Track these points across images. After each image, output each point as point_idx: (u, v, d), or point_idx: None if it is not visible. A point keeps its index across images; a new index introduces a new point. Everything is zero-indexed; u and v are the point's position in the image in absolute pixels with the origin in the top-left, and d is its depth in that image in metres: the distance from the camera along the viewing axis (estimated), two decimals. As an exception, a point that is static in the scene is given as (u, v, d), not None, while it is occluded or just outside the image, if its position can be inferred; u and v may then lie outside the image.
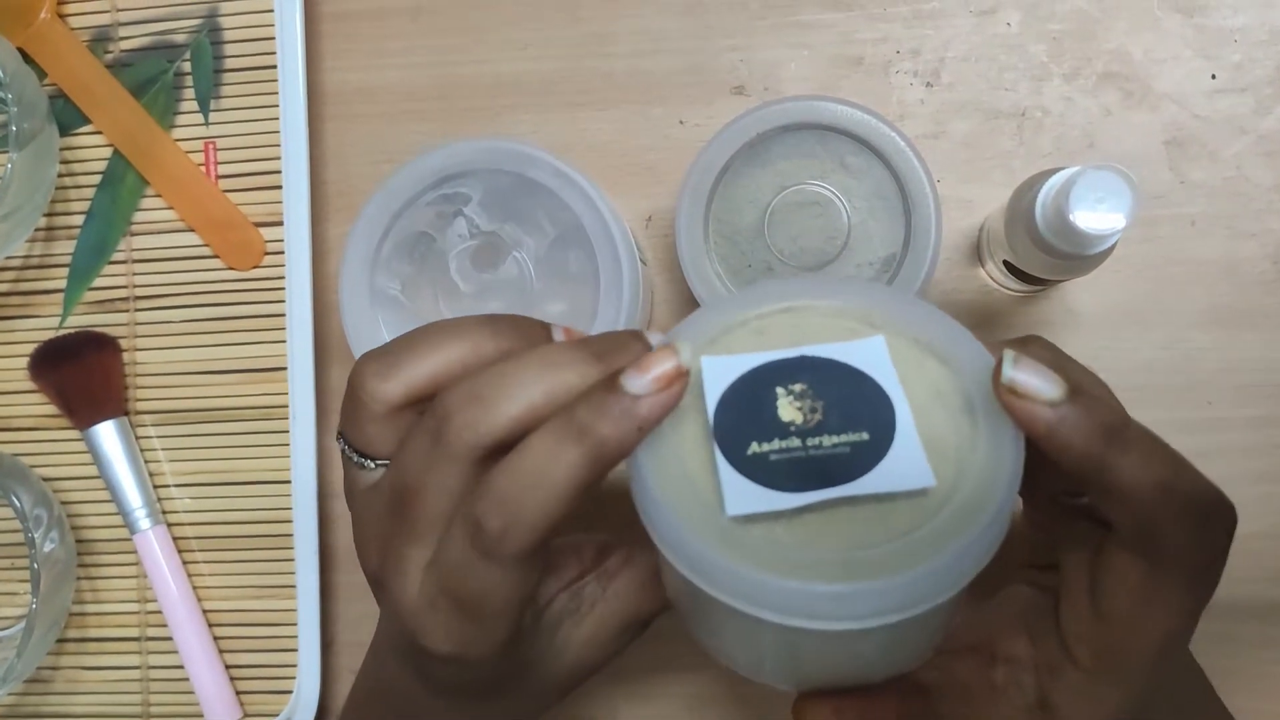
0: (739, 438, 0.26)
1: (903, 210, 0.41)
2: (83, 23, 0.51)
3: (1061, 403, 0.25)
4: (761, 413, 0.26)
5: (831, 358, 0.26)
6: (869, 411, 0.26)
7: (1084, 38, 0.45)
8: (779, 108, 0.42)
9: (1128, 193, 0.33)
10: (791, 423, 0.26)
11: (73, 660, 0.50)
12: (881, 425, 0.26)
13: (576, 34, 0.48)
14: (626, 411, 0.25)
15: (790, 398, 0.26)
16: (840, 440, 0.25)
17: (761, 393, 0.26)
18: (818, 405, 0.26)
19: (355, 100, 0.50)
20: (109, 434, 0.49)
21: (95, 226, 0.50)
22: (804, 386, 0.26)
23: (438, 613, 0.28)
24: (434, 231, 0.43)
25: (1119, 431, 0.25)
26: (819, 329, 0.28)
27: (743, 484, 0.25)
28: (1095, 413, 0.25)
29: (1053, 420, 0.25)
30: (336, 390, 0.50)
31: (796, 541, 0.25)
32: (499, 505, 0.26)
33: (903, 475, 0.25)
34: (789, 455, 0.25)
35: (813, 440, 0.25)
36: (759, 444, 0.25)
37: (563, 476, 0.26)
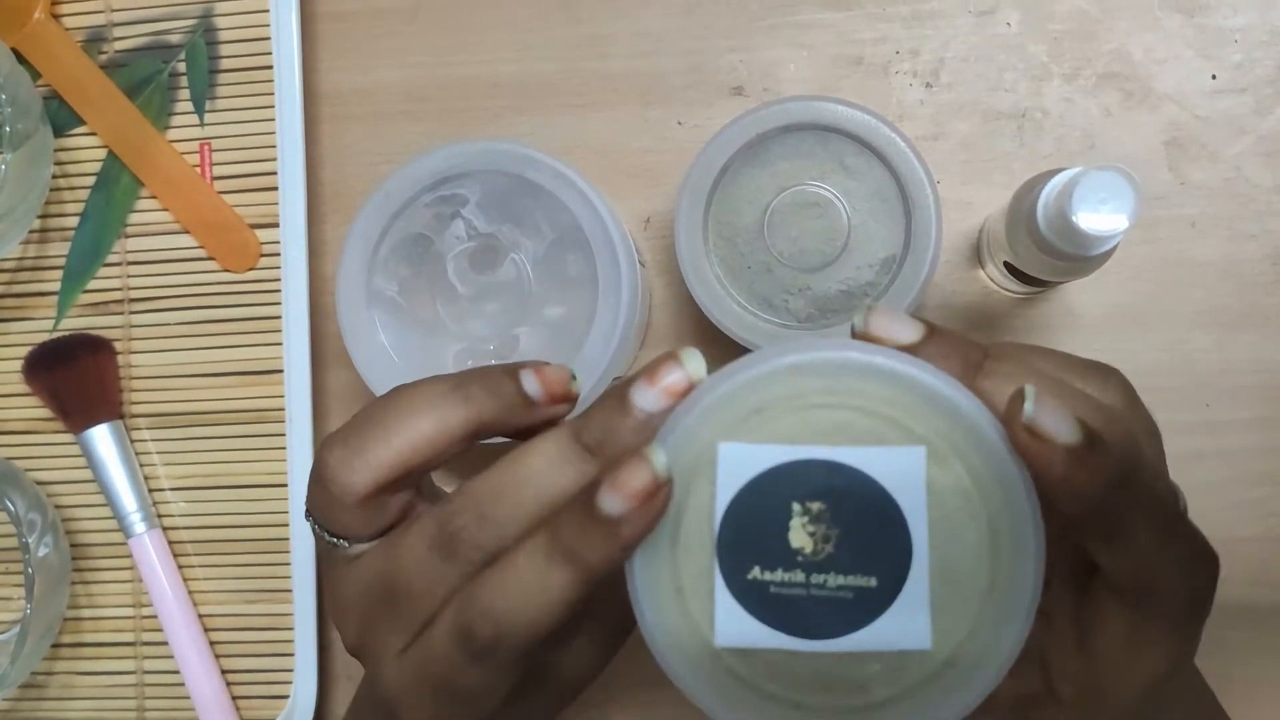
0: (742, 557, 0.24)
1: (903, 211, 0.41)
2: (77, 23, 0.50)
3: (1078, 449, 0.24)
4: (770, 532, 0.24)
5: (862, 470, 0.24)
6: (883, 548, 0.24)
7: (1084, 38, 0.45)
8: (778, 108, 0.41)
9: (1130, 193, 0.32)
10: (800, 550, 0.24)
11: (67, 665, 0.50)
12: (892, 571, 0.24)
13: (575, 35, 0.48)
14: (609, 534, 0.25)
15: (805, 519, 0.24)
16: (846, 583, 0.24)
17: (776, 505, 0.24)
18: (831, 534, 0.24)
19: (352, 101, 0.49)
20: (104, 437, 0.49)
21: (90, 228, 0.50)
22: (822, 507, 0.24)
23: (422, 697, 0.28)
24: (432, 233, 0.42)
25: (1129, 479, 0.24)
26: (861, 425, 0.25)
27: (737, 613, 0.24)
28: (1110, 460, 0.24)
29: (1069, 466, 0.24)
30: (333, 393, 0.49)
31: (782, 686, 0.25)
32: (490, 616, 0.26)
33: (901, 634, 0.24)
34: (789, 591, 0.24)
35: (817, 578, 0.24)
36: (761, 570, 0.24)
37: (554, 596, 0.25)
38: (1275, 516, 0.44)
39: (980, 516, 0.24)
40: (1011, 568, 0.24)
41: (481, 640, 0.26)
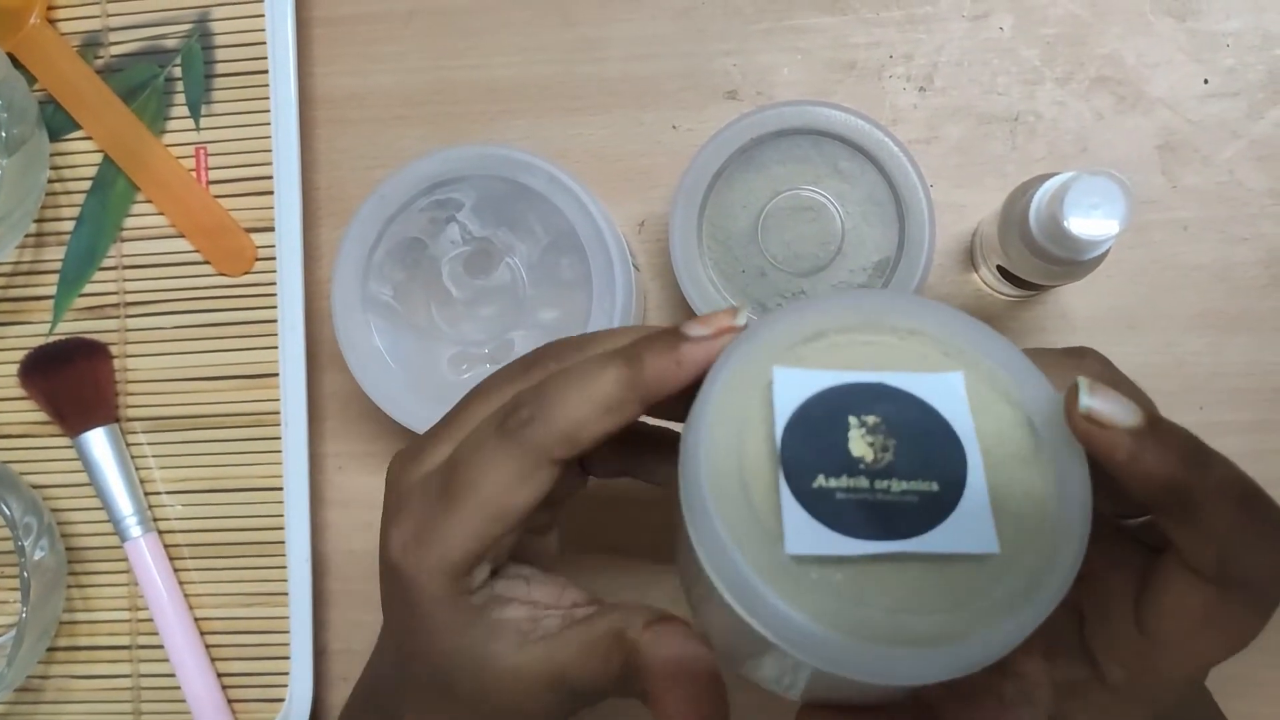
0: (806, 467, 0.25)
1: (896, 215, 0.41)
2: (73, 28, 0.50)
3: (1141, 429, 0.24)
4: (831, 442, 0.25)
5: (909, 390, 0.25)
6: (940, 459, 0.25)
7: (1076, 42, 0.45)
8: (773, 113, 0.41)
9: (1122, 198, 0.33)
10: (861, 459, 0.25)
11: (63, 669, 0.50)
12: (951, 476, 0.25)
13: (570, 39, 0.48)
14: (672, 345, 0.27)
15: (863, 430, 0.25)
16: (909, 488, 0.25)
17: (834, 419, 0.25)
18: (889, 444, 0.25)
19: (347, 105, 0.49)
20: (99, 441, 0.49)
21: (86, 232, 0.50)
22: (877, 420, 0.25)
23: (425, 496, 0.29)
24: (426, 237, 0.43)
25: (1200, 456, 0.24)
26: (896, 354, 0.27)
27: (806, 522, 0.24)
28: (1175, 437, 0.24)
29: (1135, 448, 0.24)
30: (328, 396, 0.49)
31: (852, 592, 0.24)
32: (536, 398, 0.27)
33: (967, 537, 0.24)
34: (855, 496, 0.25)
35: (881, 484, 0.25)
36: (826, 478, 0.25)
37: (599, 388, 0.27)
38: (1268, 519, 0.44)
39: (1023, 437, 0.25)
40: (1062, 492, 0.25)
41: (519, 417, 0.27)
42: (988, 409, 0.26)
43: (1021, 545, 0.25)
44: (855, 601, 0.24)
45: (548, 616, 0.30)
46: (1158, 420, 0.24)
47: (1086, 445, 0.25)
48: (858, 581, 0.24)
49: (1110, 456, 0.24)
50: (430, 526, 0.28)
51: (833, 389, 0.25)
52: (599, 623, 0.29)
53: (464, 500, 0.28)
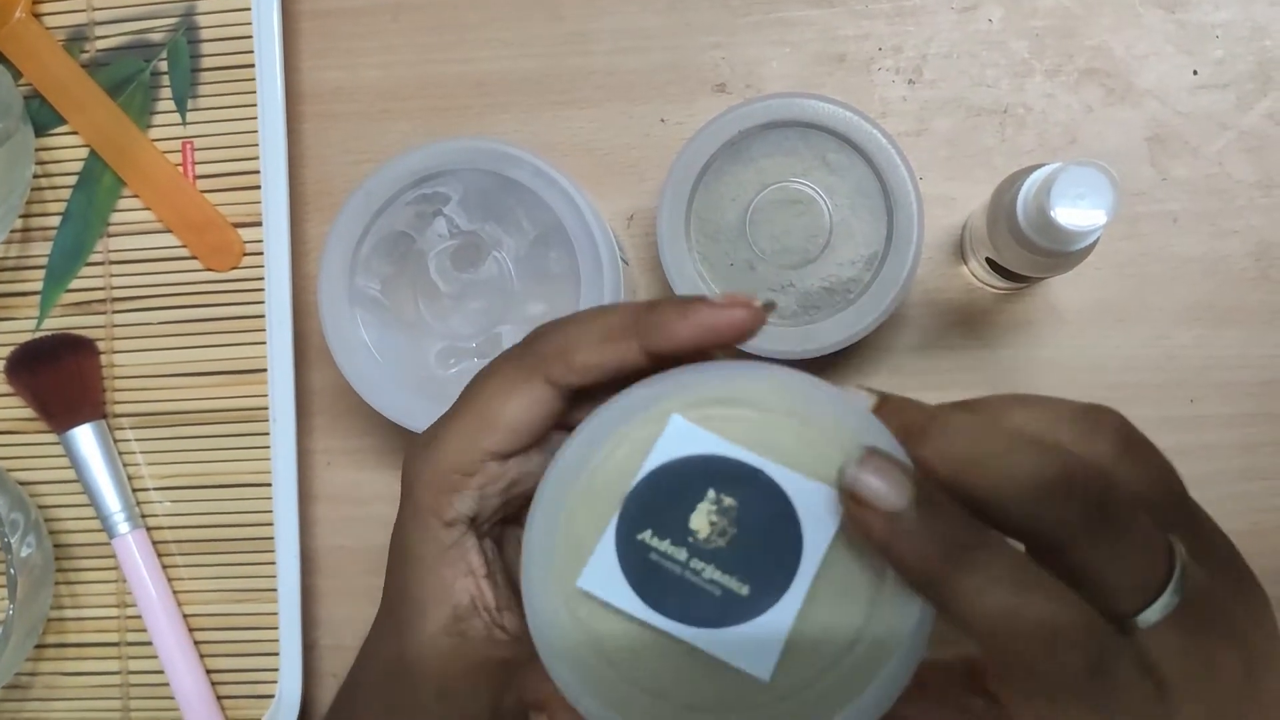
0: (641, 518, 0.24)
1: (885, 208, 0.41)
2: (58, 22, 0.50)
3: (904, 513, 0.22)
4: (677, 506, 0.24)
5: (784, 489, 0.24)
6: (768, 569, 0.24)
7: (1065, 34, 0.45)
8: (760, 105, 0.41)
9: (1109, 189, 0.32)
10: (695, 532, 0.24)
11: (51, 666, 0.50)
12: (767, 589, 0.24)
13: (558, 32, 0.48)
14: (686, 302, 0.27)
15: (714, 508, 0.24)
16: (719, 580, 0.24)
17: (695, 485, 0.25)
18: (730, 531, 0.24)
19: (334, 99, 0.49)
20: (87, 437, 0.48)
21: (72, 228, 0.50)
22: (733, 504, 0.24)
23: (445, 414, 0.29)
24: (413, 231, 0.42)
25: (967, 550, 0.22)
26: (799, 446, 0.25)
27: (610, 566, 0.24)
28: (943, 525, 0.22)
29: (889, 533, 0.22)
30: (317, 392, 0.49)
31: (627, 654, 0.24)
32: (545, 328, 0.29)
33: (746, 654, 0.24)
34: (666, 563, 0.24)
35: (696, 564, 0.24)
36: (651, 535, 0.24)
37: (604, 318, 0.28)
38: (1260, 512, 0.44)
39: (872, 587, 0.24)
40: (884, 640, 0.23)
41: (523, 344, 0.29)
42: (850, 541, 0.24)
43: (802, 688, 0.23)
44: (629, 666, 0.24)
45: (479, 617, 0.30)
46: (927, 503, 0.22)
47: (848, 520, 0.23)
48: (639, 646, 0.24)
49: (869, 537, 0.23)
50: (431, 433, 0.29)
51: (714, 457, 0.24)
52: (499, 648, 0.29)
53: (461, 409, 0.29)
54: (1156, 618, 0.23)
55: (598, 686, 0.24)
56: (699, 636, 0.24)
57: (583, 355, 0.28)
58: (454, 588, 0.29)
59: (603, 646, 0.24)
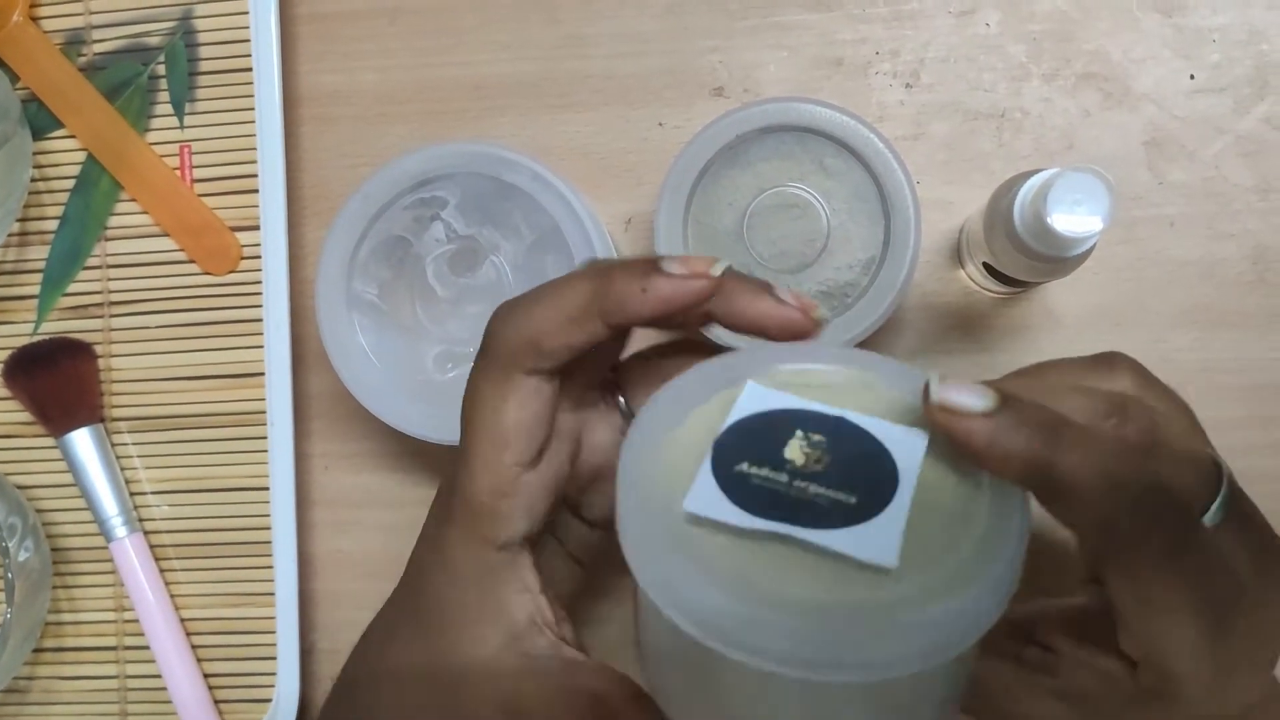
0: (734, 454, 0.25)
1: (882, 212, 0.41)
2: (56, 25, 0.50)
3: (995, 412, 0.24)
4: (770, 443, 0.25)
5: (868, 430, 0.25)
6: (869, 484, 0.24)
7: (1063, 38, 0.45)
8: (758, 109, 0.41)
9: (1105, 195, 0.32)
10: (791, 461, 0.25)
11: (49, 670, 0.50)
12: (875, 498, 0.24)
13: (555, 36, 0.48)
14: (644, 273, 0.27)
15: (804, 443, 0.25)
16: (826, 494, 0.24)
17: (782, 429, 0.25)
18: (824, 458, 0.25)
19: (332, 103, 0.49)
20: (84, 441, 0.48)
21: (69, 231, 0.50)
22: (822, 438, 0.25)
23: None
24: (411, 236, 0.42)
25: (1057, 432, 0.24)
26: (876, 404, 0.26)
27: (712, 489, 0.24)
28: (1031, 418, 0.24)
29: (991, 431, 0.24)
30: (315, 396, 0.49)
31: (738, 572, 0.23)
32: (508, 311, 0.28)
33: (869, 546, 0.23)
34: (770, 485, 0.24)
35: (800, 483, 0.24)
36: (749, 466, 0.25)
37: (564, 297, 0.28)
38: (1255, 515, 0.44)
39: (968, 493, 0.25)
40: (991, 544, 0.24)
41: (489, 335, 0.28)
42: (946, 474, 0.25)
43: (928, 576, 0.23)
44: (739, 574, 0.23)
45: (542, 634, 0.30)
46: (1012, 400, 0.24)
47: (950, 439, 0.25)
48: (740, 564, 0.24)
49: (970, 445, 0.24)
50: (456, 470, 0.29)
51: (793, 410, 0.26)
52: (582, 675, 0.29)
53: (470, 441, 0.29)
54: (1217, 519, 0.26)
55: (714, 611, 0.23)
56: (818, 536, 0.23)
57: (550, 341, 0.28)
58: (510, 605, 0.29)
59: (714, 567, 0.23)
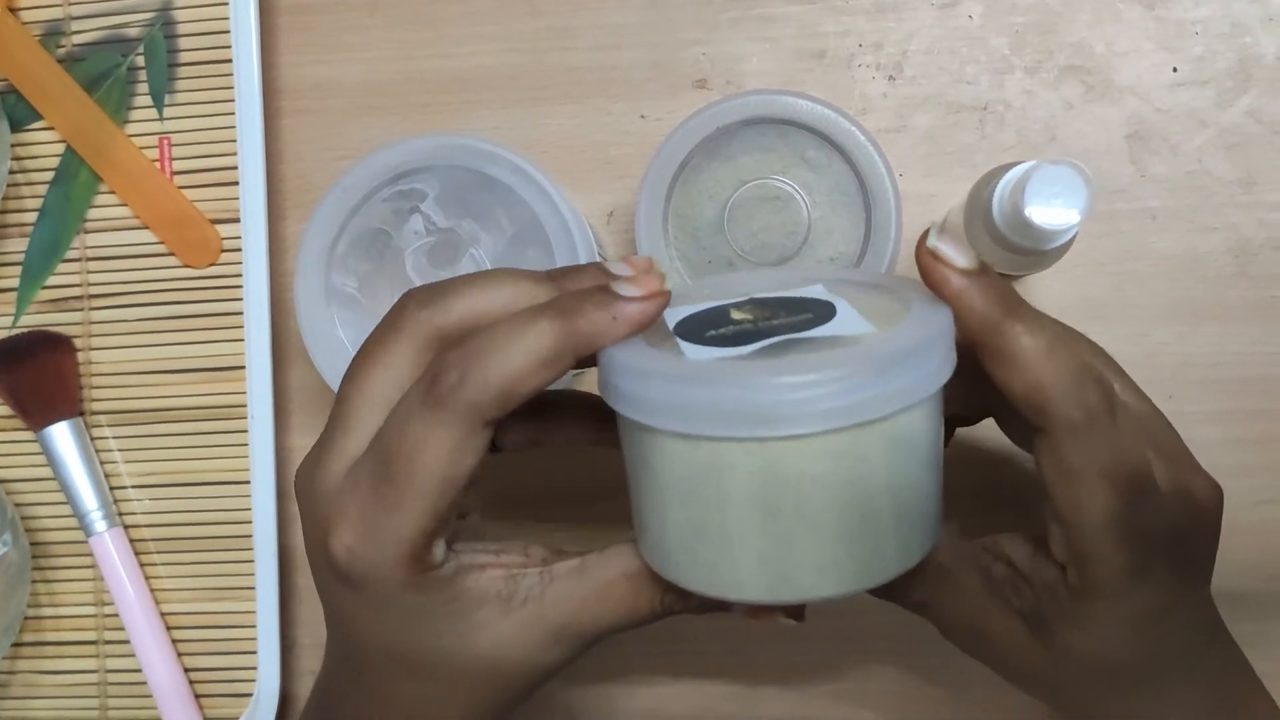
0: (696, 330, 0.28)
1: (863, 205, 0.41)
2: (34, 16, 0.50)
3: (970, 271, 0.28)
4: (717, 320, 0.29)
5: (779, 295, 0.30)
6: (816, 309, 0.29)
7: (1045, 30, 0.45)
8: (739, 102, 0.41)
9: (1083, 188, 0.32)
10: (743, 319, 0.29)
11: (29, 665, 0.50)
12: (823, 313, 0.29)
13: (537, 28, 0.48)
14: (609, 303, 0.28)
15: (741, 310, 0.29)
16: (788, 320, 0.28)
17: (715, 313, 0.29)
18: (765, 313, 0.29)
19: (313, 95, 0.49)
20: (63, 435, 0.48)
21: (48, 224, 0.50)
22: (753, 304, 0.29)
23: (356, 491, 0.28)
24: (390, 228, 0.42)
25: (1015, 305, 0.28)
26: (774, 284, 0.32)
27: (699, 348, 0.28)
28: (997, 287, 0.28)
29: (961, 284, 0.28)
30: (295, 389, 0.49)
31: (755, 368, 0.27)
32: (462, 359, 0.27)
33: (845, 327, 0.28)
34: (742, 329, 0.28)
35: (763, 324, 0.28)
36: (715, 330, 0.28)
37: (533, 341, 0.27)
38: (1239, 508, 0.44)
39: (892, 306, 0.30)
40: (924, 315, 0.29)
41: (445, 383, 0.27)
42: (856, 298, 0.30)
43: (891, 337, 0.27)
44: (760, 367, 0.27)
45: (525, 575, 0.31)
46: (987, 270, 0.29)
47: (926, 276, 0.29)
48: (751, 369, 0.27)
49: (944, 289, 0.28)
50: (376, 518, 0.28)
51: (713, 307, 0.30)
52: (599, 570, 0.31)
53: (408, 480, 0.28)
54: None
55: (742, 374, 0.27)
56: (808, 333, 0.28)
57: (524, 388, 0.27)
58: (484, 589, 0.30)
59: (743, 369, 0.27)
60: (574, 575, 0.31)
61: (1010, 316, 0.28)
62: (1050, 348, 0.28)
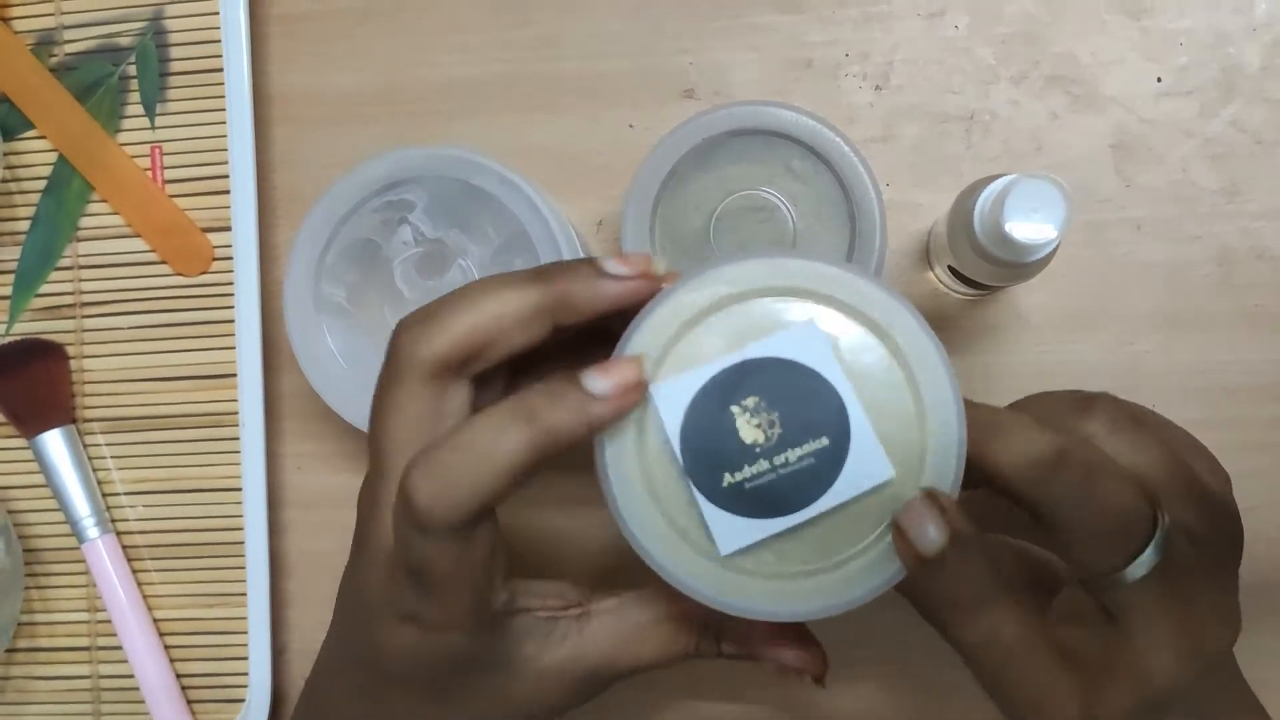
0: (711, 470, 0.27)
1: (848, 216, 0.41)
2: (26, 25, 0.50)
3: (932, 559, 0.26)
4: (724, 438, 0.27)
5: (774, 356, 0.27)
6: (821, 412, 0.27)
7: (1031, 41, 0.45)
8: (725, 113, 0.41)
9: (1061, 203, 0.33)
10: (755, 444, 0.27)
11: (22, 670, 0.50)
12: (836, 425, 0.27)
13: (526, 37, 0.48)
14: (580, 405, 0.26)
15: (747, 415, 0.27)
16: (804, 452, 0.27)
17: (718, 414, 0.27)
18: (774, 418, 0.27)
19: (304, 104, 0.49)
20: (56, 442, 0.48)
21: (41, 232, 0.50)
22: (756, 400, 0.27)
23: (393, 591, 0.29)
24: (379, 238, 0.42)
25: (985, 597, 0.27)
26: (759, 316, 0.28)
27: (728, 520, 0.27)
28: (967, 574, 0.27)
29: (926, 579, 0.27)
30: (286, 397, 0.49)
31: (788, 564, 0.27)
32: (428, 476, 0.26)
33: (866, 475, 0.27)
34: (761, 481, 0.27)
35: (779, 459, 0.27)
36: (731, 474, 0.27)
37: (503, 453, 0.26)
38: (1220, 515, 0.45)
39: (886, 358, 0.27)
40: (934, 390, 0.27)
41: (417, 506, 0.26)
42: (851, 344, 0.27)
43: (914, 463, 0.27)
44: (794, 568, 0.27)
45: (563, 617, 0.31)
46: (961, 544, 0.26)
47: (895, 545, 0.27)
48: (789, 553, 0.27)
49: (905, 564, 0.27)
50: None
51: (709, 385, 0.27)
52: (637, 612, 0.31)
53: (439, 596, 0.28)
54: (1139, 574, 0.28)
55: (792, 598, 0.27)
56: (832, 497, 0.27)
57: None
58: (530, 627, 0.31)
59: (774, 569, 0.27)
60: (612, 615, 0.31)
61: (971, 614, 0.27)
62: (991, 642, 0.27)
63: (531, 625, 0.31)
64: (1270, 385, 0.44)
